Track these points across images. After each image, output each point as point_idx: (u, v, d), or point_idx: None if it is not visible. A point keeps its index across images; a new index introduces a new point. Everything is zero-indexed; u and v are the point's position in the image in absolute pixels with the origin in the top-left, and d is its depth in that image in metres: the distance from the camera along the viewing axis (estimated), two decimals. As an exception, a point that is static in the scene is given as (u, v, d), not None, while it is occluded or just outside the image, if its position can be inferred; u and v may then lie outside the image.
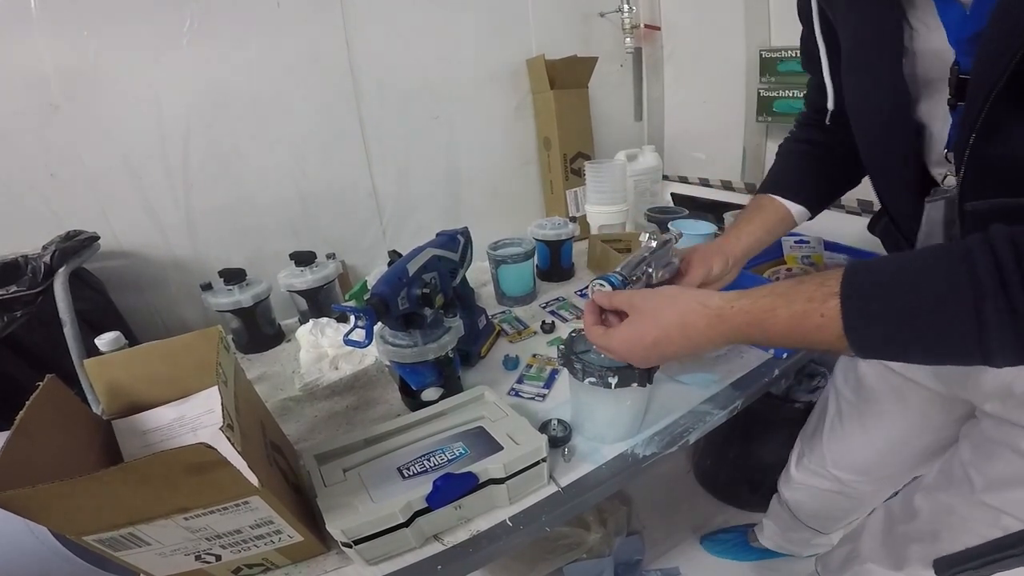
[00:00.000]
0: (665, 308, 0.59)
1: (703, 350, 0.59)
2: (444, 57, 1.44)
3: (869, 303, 0.44)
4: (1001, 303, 0.37)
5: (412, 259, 0.80)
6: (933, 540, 0.75)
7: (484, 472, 0.65)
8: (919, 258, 0.43)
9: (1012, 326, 0.37)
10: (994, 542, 0.67)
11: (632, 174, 1.70)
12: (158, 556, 0.55)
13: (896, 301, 0.42)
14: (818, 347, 0.48)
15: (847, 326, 0.44)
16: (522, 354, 1.05)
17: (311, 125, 1.27)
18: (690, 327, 0.56)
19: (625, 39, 1.74)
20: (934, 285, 0.41)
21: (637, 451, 0.79)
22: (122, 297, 1.09)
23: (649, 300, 0.61)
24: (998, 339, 0.38)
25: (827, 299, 0.46)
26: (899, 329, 0.42)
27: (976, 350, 0.39)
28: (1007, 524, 0.65)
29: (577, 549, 1.39)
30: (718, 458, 1.58)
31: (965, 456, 0.71)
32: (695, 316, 0.56)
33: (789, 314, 0.49)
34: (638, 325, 0.60)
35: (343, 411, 0.90)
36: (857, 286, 0.45)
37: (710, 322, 0.55)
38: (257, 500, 0.54)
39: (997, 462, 0.66)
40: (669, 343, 0.58)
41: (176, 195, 1.14)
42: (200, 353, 0.65)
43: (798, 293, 0.49)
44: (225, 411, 0.51)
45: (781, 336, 0.50)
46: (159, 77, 1.08)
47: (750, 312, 0.52)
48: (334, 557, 0.65)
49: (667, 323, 0.58)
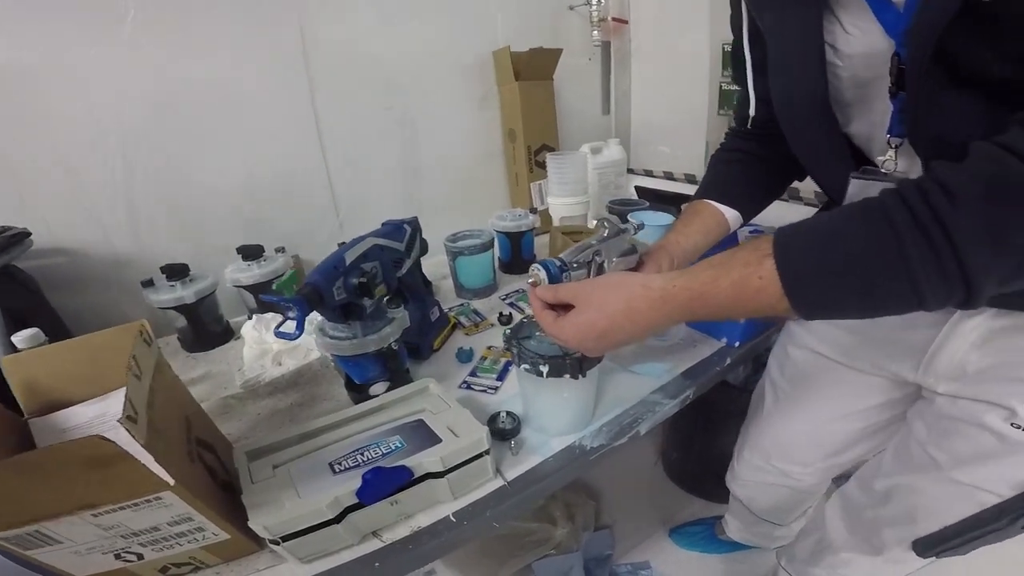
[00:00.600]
0: (610, 296, 0.59)
1: (654, 332, 0.61)
2: (407, 49, 1.42)
3: (802, 257, 0.46)
4: (918, 238, 0.40)
5: (351, 248, 0.78)
6: (909, 522, 0.75)
7: (420, 466, 0.64)
8: (843, 212, 0.46)
9: (933, 259, 0.40)
10: (972, 518, 0.67)
11: (597, 167, 1.71)
12: (73, 555, 0.54)
13: (827, 252, 0.45)
14: (763, 312, 0.49)
15: (785, 283, 0.46)
16: (477, 347, 1.04)
17: (262, 117, 1.24)
18: (636, 312, 0.57)
19: (593, 32, 1.73)
20: (858, 233, 0.43)
21: (585, 443, 0.78)
22: (60, 296, 1.06)
23: (595, 290, 0.61)
24: (923, 272, 0.40)
25: (762, 261, 0.47)
26: (834, 278, 0.44)
27: (908, 289, 0.41)
28: (983, 499, 0.66)
29: (545, 545, 1.38)
30: (684, 450, 1.58)
31: (921, 435, 0.72)
32: (639, 301, 0.57)
33: (729, 282, 0.50)
34: (586, 315, 0.60)
35: (287, 408, 0.88)
36: (789, 244, 0.47)
37: (653, 304, 0.56)
38: (171, 496, 0.52)
39: (959, 439, 0.67)
40: (619, 330, 0.58)
41: (116, 190, 1.11)
42: (122, 348, 0.63)
43: (735, 261, 0.50)
44: (128, 404, 0.48)
45: (725, 307, 0.51)
46: (98, 70, 1.04)
47: (691, 288, 0.53)
48: (267, 555, 0.63)
49: (613, 311, 0.58)
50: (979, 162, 0.40)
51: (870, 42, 0.54)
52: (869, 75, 0.57)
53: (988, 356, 0.62)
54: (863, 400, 0.86)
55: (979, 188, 0.39)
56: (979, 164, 0.40)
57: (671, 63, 1.68)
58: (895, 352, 0.74)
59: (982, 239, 0.38)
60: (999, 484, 0.64)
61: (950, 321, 0.64)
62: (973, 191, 0.39)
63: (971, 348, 0.63)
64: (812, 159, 0.71)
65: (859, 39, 0.56)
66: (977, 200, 0.39)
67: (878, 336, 0.76)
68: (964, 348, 0.64)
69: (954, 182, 0.40)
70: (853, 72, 0.58)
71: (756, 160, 0.84)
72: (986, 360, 0.62)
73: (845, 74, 0.59)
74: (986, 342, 0.62)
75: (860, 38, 0.55)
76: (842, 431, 0.91)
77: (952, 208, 0.39)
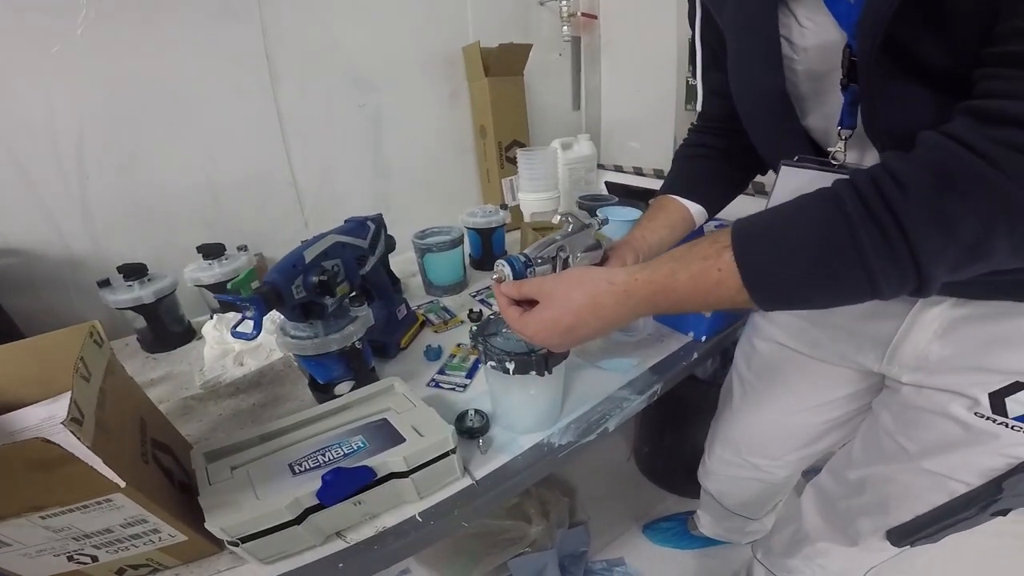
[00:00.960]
0: (574, 292, 0.59)
1: (618, 327, 0.61)
2: (375, 45, 1.40)
3: (759, 248, 0.47)
4: (871, 227, 0.41)
5: (311, 246, 0.77)
6: (882, 512, 0.75)
7: (383, 466, 0.63)
8: (798, 203, 0.47)
9: (886, 247, 0.41)
10: (943, 507, 0.68)
11: (567, 162, 1.71)
12: (23, 557, 0.53)
13: (784, 242, 0.46)
14: (724, 304, 0.50)
15: (743, 275, 0.47)
16: (447, 344, 1.03)
17: (222, 114, 1.21)
18: (600, 307, 0.57)
19: (563, 27, 1.73)
20: (813, 223, 0.45)
21: (553, 440, 0.78)
22: (13, 298, 1.03)
23: (558, 285, 0.61)
24: (877, 260, 0.41)
25: (721, 253, 0.48)
26: (791, 268, 0.45)
27: (863, 278, 0.42)
28: (953, 488, 0.67)
29: (520, 543, 1.37)
30: (654, 445, 1.59)
31: (888, 426, 0.73)
32: (603, 296, 0.57)
33: (688, 275, 0.51)
34: (551, 311, 0.60)
35: (249, 409, 0.87)
36: (746, 236, 0.48)
37: (618, 299, 0.56)
38: (122, 498, 0.52)
39: (926, 429, 0.67)
40: (583, 326, 0.58)
41: (70, 190, 1.07)
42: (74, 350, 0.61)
43: (694, 254, 0.51)
44: (74, 406, 0.47)
45: (687, 299, 0.52)
46: (49, 67, 1.01)
47: (653, 281, 0.54)
48: (227, 557, 0.63)
49: (578, 307, 0.58)
50: (927, 152, 0.42)
51: (824, 34, 0.55)
52: (823, 68, 0.57)
53: (949, 345, 0.63)
54: (830, 391, 0.87)
55: (927, 178, 0.40)
56: (927, 154, 0.41)
57: (640, 58, 1.69)
58: (860, 343, 0.75)
59: (932, 227, 0.40)
60: (967, 473, 0.65)
61: (912, 311, 0.65)
62: (922, 181, 0.40)
63: (933, 338, 0.64)
64: (772, 152, 0.71)
65: (813, 32, 0.56)
66: (926, 190, 0.40)
67: (843, 327, 0.77)
68: (927, 338, 0.64)
69: (904, 172, 0.41)
70: (808, 65, 0.59)
71: (719, 154, 0.84)
72: (947, 349, 0.63)
73: (800, 67, 0.59)
74: (947, 332, 0.62)
75: (814, 31, 0.56)
76: (810, 423, 0.92)
77: (903, 198, 0.40)
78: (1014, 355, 0.59)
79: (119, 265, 1.02)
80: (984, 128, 0.39)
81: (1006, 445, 0.61)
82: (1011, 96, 0.39)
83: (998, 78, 0.40)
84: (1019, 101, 0.38)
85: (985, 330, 0.60)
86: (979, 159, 0.38)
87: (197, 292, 1.15)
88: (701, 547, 1.43)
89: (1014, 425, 0.60)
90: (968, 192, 0.39)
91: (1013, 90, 0.39)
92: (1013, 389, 0.59)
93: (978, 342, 0.61)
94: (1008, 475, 0.62)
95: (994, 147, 0.38)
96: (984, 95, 0.41)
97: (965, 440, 0.63)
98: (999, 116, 0.39)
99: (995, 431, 0.61)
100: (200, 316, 1.22)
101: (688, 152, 0.88)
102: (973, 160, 0.38)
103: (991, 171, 0.38)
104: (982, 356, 0.60)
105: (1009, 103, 0.38)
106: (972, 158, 0.38)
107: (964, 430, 0.63)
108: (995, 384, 0.60)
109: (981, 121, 0.40)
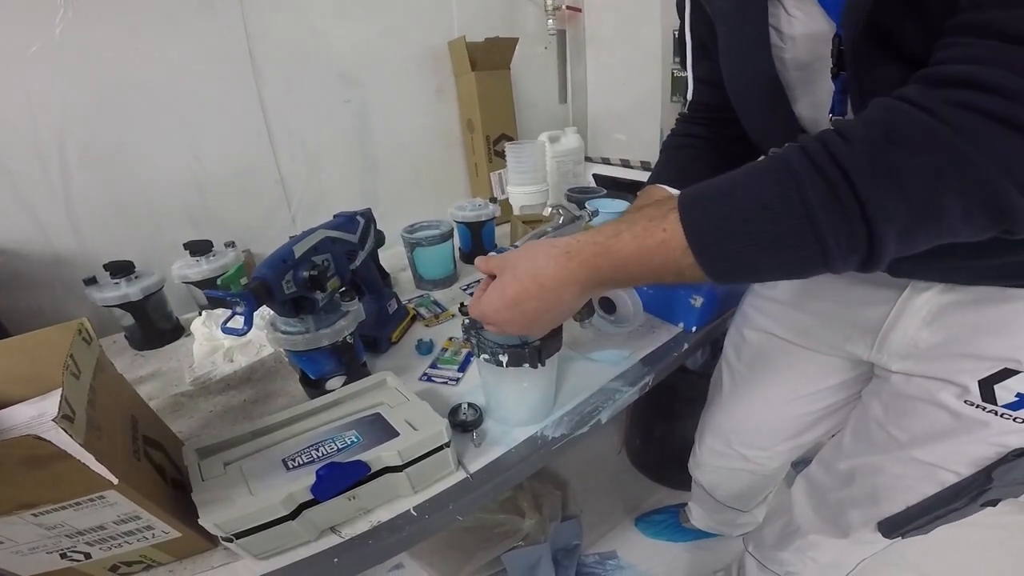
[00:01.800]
0: (521, 259, 0.58)
1: (563, 302, 0.57)
2: (360, 39, 1.39)
3: (705, 208, 0.46)
4: (816, 180, 0.40)
5: (300, 241, 0.77)
6: (873, 503, 0.75)
7: (377, 460, 0.63)
8: (747, 167, 0.46)
9: (832, 199, 0.40)
10: (933, 497, 0.68)
11: (555, 155, 1.71)
12: (15, 555, 0.53)
13: (730, 202, 0.45)
14: (669, 269, 0.48)
15: (688, 234, 0.46)
16: (438, 338, 1.03)
17: (205, 111, 1.20)
18: (541, 272, 0.55)
19: (548, 20, 1.73)
20: (760, 182, 0.44)
21: (547, 433, 0.78)
22: (-2, 297, 1.02)
23: (509, 255, 0.60)
24: (824, 214, 0.40)
25: (667, 215, 0.47)
26: (738, 228, 0.44)
27: (811, 238, 0.41)
28: (944, 478, 0.66)
29: (514, 536, 1.37)
30: (645, 438, 1.60)
31: (878, 415, 0.72)
32: (544, 259, 0.55)
33: (632, 235, 0.50)
34: (499, 282, 0.59)
35: (240, 405, 0.87)
36: (693, 198, 0.47)
37: (559, 262, 0.54)
38: (115, 495, 0.51)
39: (915, 418, 0.67)
40: (528, 297, 0.56)
41: (53, 187, 1.06)
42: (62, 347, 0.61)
43: (641, 215, 0.50)
44: (64, 403, 0.47)
45: (630, 262, 0.50)
46: (29, 68, 0.99)
47: (596, 242, 0.52)
48: (222, 553, 0.63)
49: (522, 274, 0.57)
50: (874, 111, 0.42)
51: (812, 24, 0.55)
52: (809, 58, 0.57)
53: (939, 332, 0.63)
54: (819, 381, 0.87)
55: (874, 132, 0.40)
56: (874, 113, 0.41)
57: (625, 50, 1.69)
58: (849, 331, 0.75)
59: (880, 180, 0.39)
60: (957, 463, 0.65)
61: (901, 297, 0.65)
62: (868, 135, 0.40)
63: (922, 324, 0.64)
64: (764, 139, 0.71)
65: (801, 21, 0.56)
66: (872, 143, 0.39)
67: (832, 315, 0.77)
68: (916, 325, 0.64)
69: (850, 128, 0.41)
70: (795, 54, 0.58)
71: (706, 144, 0.83)
72: (937, 336, 0.63)
73: (788, 56, 0.59)
74: (936, 318, 0.62)
75: (803, 20, 0.55)
76: (800, 413, 0.92)
77: (848, 150, 0.40)
78: (1003, 341, 0.58)
79: (105, 263, 1.01)
80: (934, 90, 0.39)
81: (996, 433, 0.61)
82: (963, 61, 0.39)
83: (954, 46, 0.40)
84: (970, 65, 0.38)
85: (974, 316, 0.59)
86: (923, 113, 0.38)
87: (185, 289, 1.14)
88: (693, 540, 1.44)
89: (1003, 413, 0.59)
90: (916, 146, 0.38)
91: (965, 55, 0.39)
92: (1002, 376, 0.59)
93: (967, 328, 0.60)
94: (998, 464, 0.62)
95: (943, 105, 0.38)
96: (937, 62, 0.41)
97: (955, 429, 0.63)
98: (949, 78, 0.39)
99: (985, 419, 0.61)
100: (188, 313, 1.21)
101: (676, 142, 0.87)
102: (921, 116, 0.38)
103: (939, 126, 0.38)
104: (971, 342, 0.60)
105: (960, 67, 0.38)
106: (920, 115, 0.38)
107: (954, 419, 0.63)
108: (984, 371, 0.59)
109: (931, 85, 0.40)
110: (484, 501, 0.72)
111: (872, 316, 0.70)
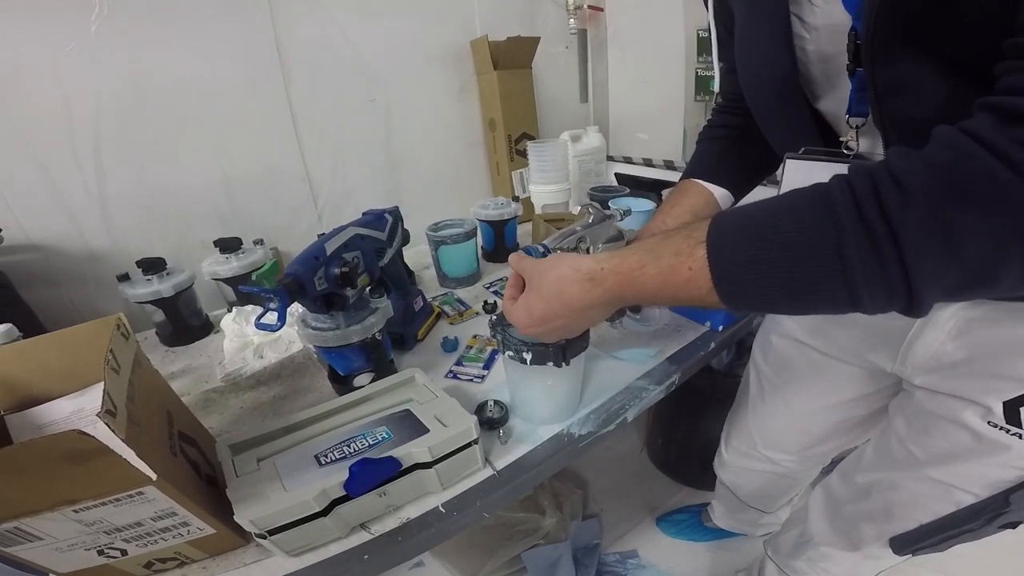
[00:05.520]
0: (546, 277, 0.57)
1: (590, 319, 0.58)
2: (384, 40, 1.40)
3: (735, 249, 0.43)
4: (860, 234, 0.36)
5: (331, 238, 0.77)
6: (886, 519, 0.73)
7: (408, 456, 0.63)
8: (786, 200, 0.42)
9: (874, 260, 0.36)
10: (948, 517, 0.66)
11: (576, 154, 1.71)
12: (55, 551, 0.53)
13: (762, 244, 0.41)
14: (694, 303, 0.47)
15: (715, 277, 0.44)
16: (462, 336, 1.03)
17: (235, 110, 1.22)
18: (566, 295, 0.55)
19: (569, 20, 1.73)
20: (797, 225, 0.40)
21: (573, 431, 0.77)
22: (34, 292, 1.04)
23: (537, 268, 0.60)
24: (861, 273, 0.37)
25: (694, 250, 0.45)
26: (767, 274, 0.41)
27: (844, 293, 0.38)
28: (960, 499, 0.64)
29: (534, 535, 1.38)
30: (668, 437, 1.59)
31: (901, 431, 0.71)
32: (568, 283, 0.55)
33: (657, 271, 0.48)
34: (528, 296, 0.59)
35: (270, 401, 0.87)
36: (723, 233, 0.44)
37: (583, 287, 0.54)
38: (153, 491, 0.51)
39: (937, 436, 0.65)
40: (556, 315, 0.57)
41: (88, 186, 1.08)
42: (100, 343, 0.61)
43: (666, 248, 0.48)
44: (107, 397, 0.47)
45: (655, 294, 0.49)
46: (66, 67, 1.01)
47: (620, 272, 0.51)
48: (254, 549, 0.63)
49: (547, 293, 0.57)
50: (938, 150, 0.37)
51: (832, 14, 0.52)
52: (832, 50, 0.54)
53: (964, 348, 0.60)
54: (844, 391, 0.85)
55: (935, 182, 0.35)
56: (938, 153, 0.36)
57: (647, 50, 1.69)
58: (873, 341, 0.73)
59: (933, 243, 0.35)
60: (975, 484, 0.63)
61: None
62: (928, 186, 0.35)
63: (947, 338, 0.61)
64: (780, 142, 0.69)
65: (823, 10, 0.53)
66: (931, 197, 0.35)
67: (856, 323, 0.75)
68: (940, 338, 0.61)
69: (908, 173, 0.36)
70: (818, 46, 0.56)
71: (741, 135, 0.81)
72: (962, 352, 0.60)
73: (811, 47, 0.56)
74: (961, 332, 0.59)
75: (824, 8, 0.53)
76: (825, 421, 0.90)
77: (902, 204, 0.35)
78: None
79: (138, 259, 1.03)
80: (1007, 127, 0.34)
81: (1017, 457, 0.58)
82: None
83: (1023, 72, 0.35)
84: None
85: (1001, 333, 0.56)
86: (999, 162, 0.33)
87: (214, 286, 1.16)
88: (715, 539, 1.43)
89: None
90: (982, 203, 0.34)
91: None
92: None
93: (994, 346, 0.57)
94: (1016, 488, 0.60)
95: (1018, 150, 0.33)
96: (1007, 91, 0.35)
97: (975, 450, 0.61)
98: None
99: (1007, 442, 0.58)
100: (217, 310, 1.22)
101: (709, 134, 0.86)
102: (991, 163, 0.33)
103: (1011, 178, 0.33)
104: (997, 362, 0.57)
105: None
106: (990, 160, 0.33)
107: (975, 439, 0.60)
108: (1010, 392, 0.57)
109: (1003, 119, 0.34)
110: (510, 499, 0.72)
111: (896, 326, 0.67)
